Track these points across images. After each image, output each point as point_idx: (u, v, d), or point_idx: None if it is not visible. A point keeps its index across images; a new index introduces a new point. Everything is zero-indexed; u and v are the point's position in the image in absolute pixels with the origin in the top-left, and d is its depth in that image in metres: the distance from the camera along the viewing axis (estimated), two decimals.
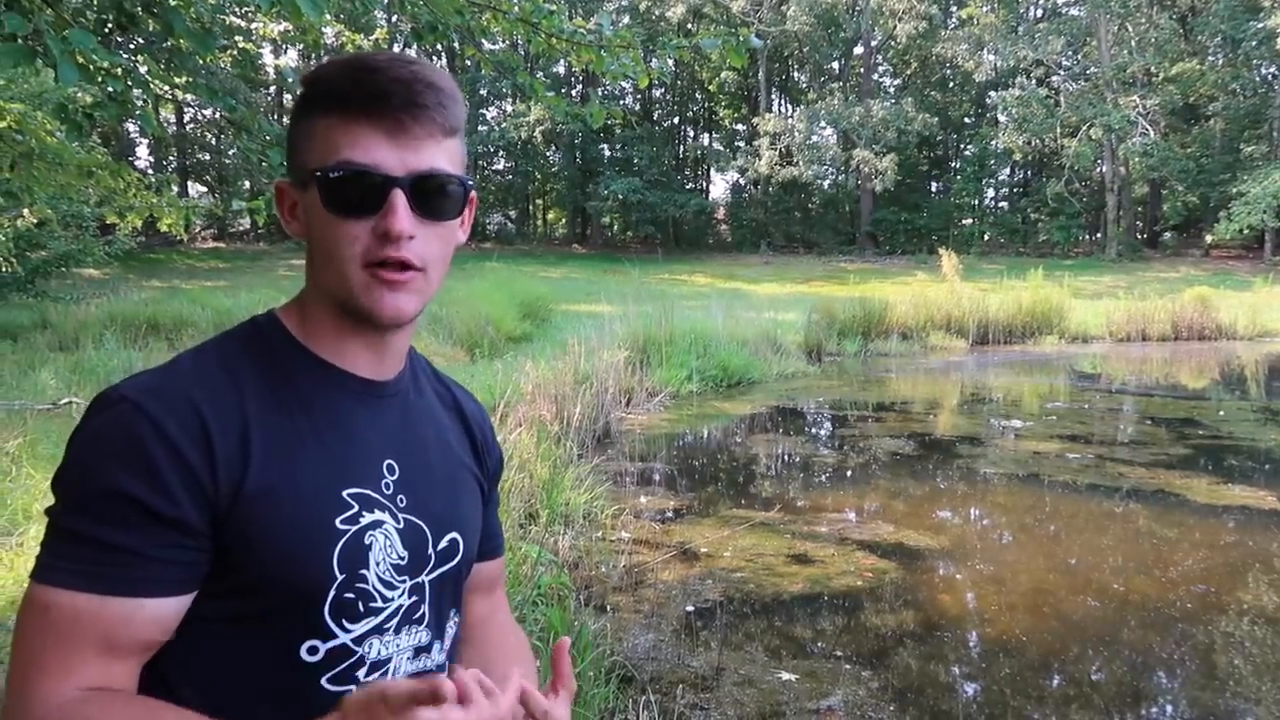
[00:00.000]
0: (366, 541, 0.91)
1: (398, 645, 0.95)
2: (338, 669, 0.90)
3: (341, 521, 0.90)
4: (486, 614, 1.17)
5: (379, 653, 0.93)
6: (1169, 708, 3.83)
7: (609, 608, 4.60)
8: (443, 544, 1.01)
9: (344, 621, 0.90)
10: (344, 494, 0.91)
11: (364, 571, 0.91)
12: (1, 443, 5.90)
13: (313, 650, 0.88)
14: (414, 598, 0.96)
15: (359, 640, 0.91)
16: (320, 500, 0.90)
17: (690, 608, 4.65)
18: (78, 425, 0.87)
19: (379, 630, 0.92)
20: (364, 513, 0.92)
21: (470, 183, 0.96)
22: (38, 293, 15.75)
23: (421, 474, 1.00)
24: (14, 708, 0.80)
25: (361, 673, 0.91)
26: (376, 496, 0.94)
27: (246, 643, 0.86)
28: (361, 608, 0.91)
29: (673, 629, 4.39)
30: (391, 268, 0.90)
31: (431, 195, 0.91)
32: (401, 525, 0.95)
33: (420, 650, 0.98)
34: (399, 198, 0.88)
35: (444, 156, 0.92)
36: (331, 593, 0.89)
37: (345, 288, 0.91)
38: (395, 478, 0.97)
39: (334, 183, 0.88)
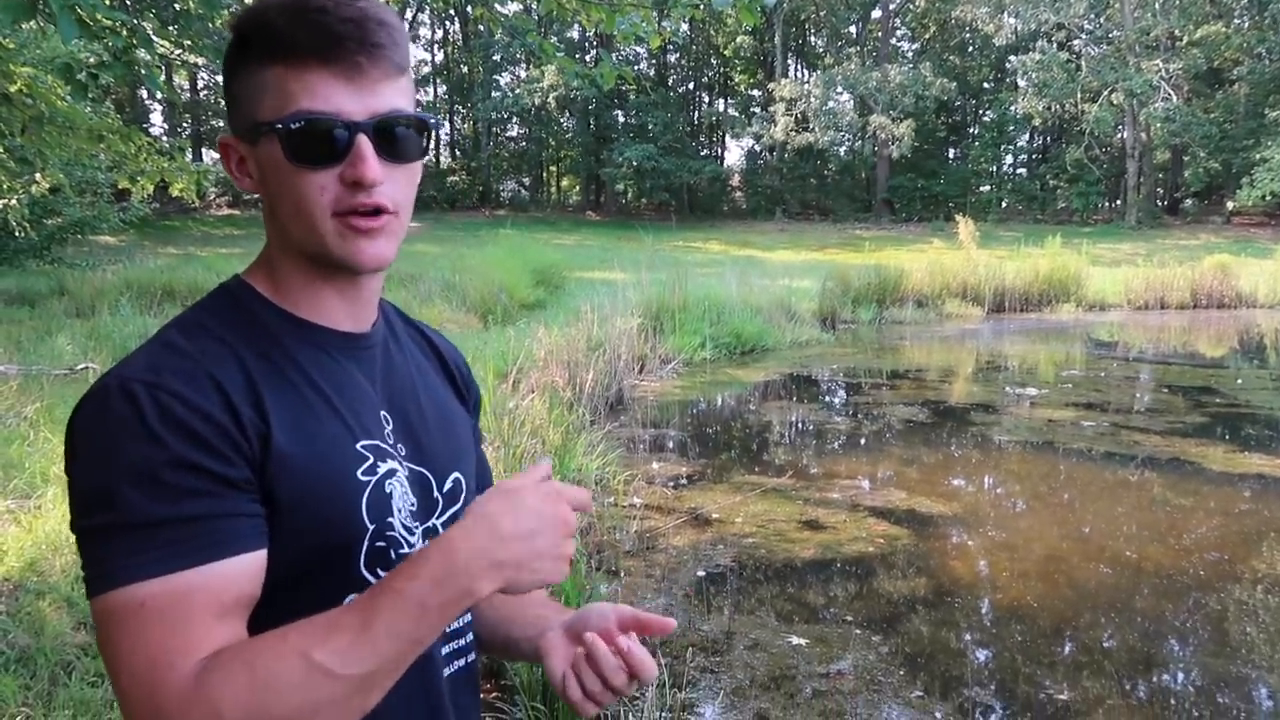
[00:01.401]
0: (387, 490, 0.92)
1: None
2: None
3: (362, 473, 0.90)
4: None
5: None
6: (1181, 675, 3.82)
7: (621, 572, 4.62)
8: (447, 485, 1.01)
9: (377, 570, 0.90)
10: (358, 447, 0.91)
11: (390, 519, 0.92)
12: (20, 407, 5.96)
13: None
14: (427, 542, 0.95)
15: None
16: (339, 455, 0.89)
17: (701, 573, 4.67)
18: (87, 431, 0.81)
19: None
20: (379, 463, 0.92)
21: (433, 119, 0.93)
22: (54, 259, 15.84)
23: (415, 420, 1.00)
24: (149, 710, 0.75)
25: None
26: (385, 447, 0.94)
27: (288, 608, 0.82)
28: (393, 555, 0.92)
29: (684, 593, 4.41)
30: (364, 215, 0.87)
31: (396, 137, 0.88)
32: (408, 473, 0.96)
33: None
34: (365, 143, 0.85)
35: (401, 95, 0.89)
36: (365, 544, 0.90)
37: (317, 239, 0.88)
38: (391, 428, 0.97)
39: (296, 134, 0.84)
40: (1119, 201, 39.12)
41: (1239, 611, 4.28)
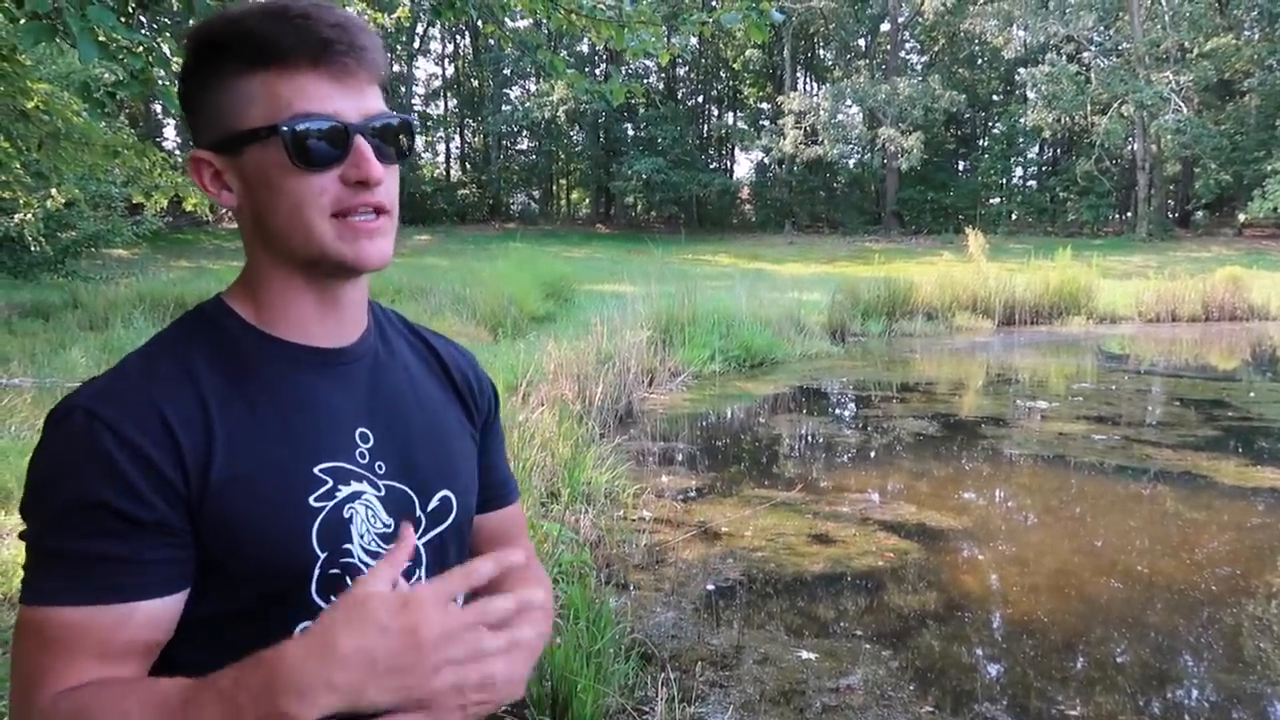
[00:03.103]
0: (346, 515, 0.90)
1: None
2: None
3: (316, 499, 0.88)
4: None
5: None
6: (1195, 691, 3.79)
7: (630, 586, 4.62)
8: (433, 504, 0.98)
9: (333, 598, 0.87)
10: (315, 470, 0.89)
11: (347, 546, 0.89)
12: (34, 420, 6.01)
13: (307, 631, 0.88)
14: (408, 564, 0.94)
15: None
16: (290, 480, 0.88)
17: (711, 586, 4.66)
18: (38, 444, 0.85)
19: None
20: (339, 486, 0.90)
21: (415, 121, 0.95)
22: (68, 272, 15.97)
23: (400, 435, 0.98)
24: (15, 715, 0.80)
25: None
26: (351, 468, 0.92)
27: (244, 633, 0.82)
28: (349, 582, 0.89)
29: (693, 607, 4.40)
30: (364, 214, 0.88)
31: (388, 139, 0.89)
32: (383, 493, 0.93)
33: None
34: (364, 144, 0.86)
35: (382, 100, 0.91)
36: (316, 571, 0.88)
37: (316, 242, 0.87)
38: (370, 445, 0.94)
39: (300, 136, 0.84)
40: (1129, 214, 39.02)
41: (1253, 627, 4.25)
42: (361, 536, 0.91)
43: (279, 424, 0.89)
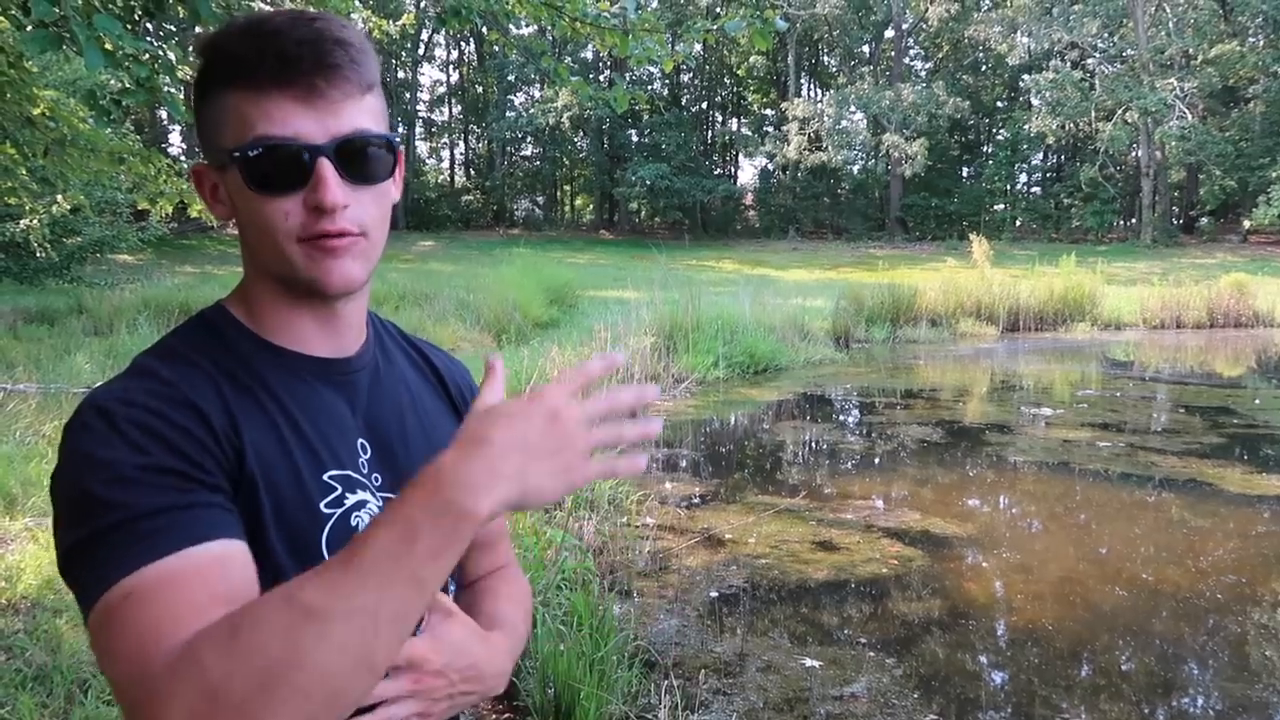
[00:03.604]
0: (353, 523, 0.89)
1: None
2: None
3: (326, 505, 0.88)
4: (488, 568, 1.11)
5: None
6: (1201, 699, 3.78)
7: (633, 593, 4.61)
8: None
9: None
10: (325, 477, 0.89)
11: None
12: (39, 425, 6.02)
13: None
14: None
15: None
16: (304, 485, 0.87)
17: (714, 593, 4.65)
18: (62, 452, 0.79)
19: None
20: (346, 494, 0.90)
21: (397, 139, 0.91)
22: (73, 278, 16.03)
23: (397, 448, 0.97)
24: (141, 690, 0.68)
25: None
26: (357, 477, 0.92)
27: None
28: None
29: (697, 614, 4.39)
30: (330, 238, 0.86)
31: (358, 159, 0.86)
32: (381, 504, 0.93)
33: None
34: (326, 167, 0.83)
35: (365, 115, 0.86)
36: None
37: (286, 264, 0.86)
38: (368, 457, 0.94)
39: (255, 161, 0.83)
40: (1134, 220, 38.98)
41: (1259, 635, 4.23)
42: None
43: (291, 429, 0.88)
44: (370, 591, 0.67)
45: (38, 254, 13.21)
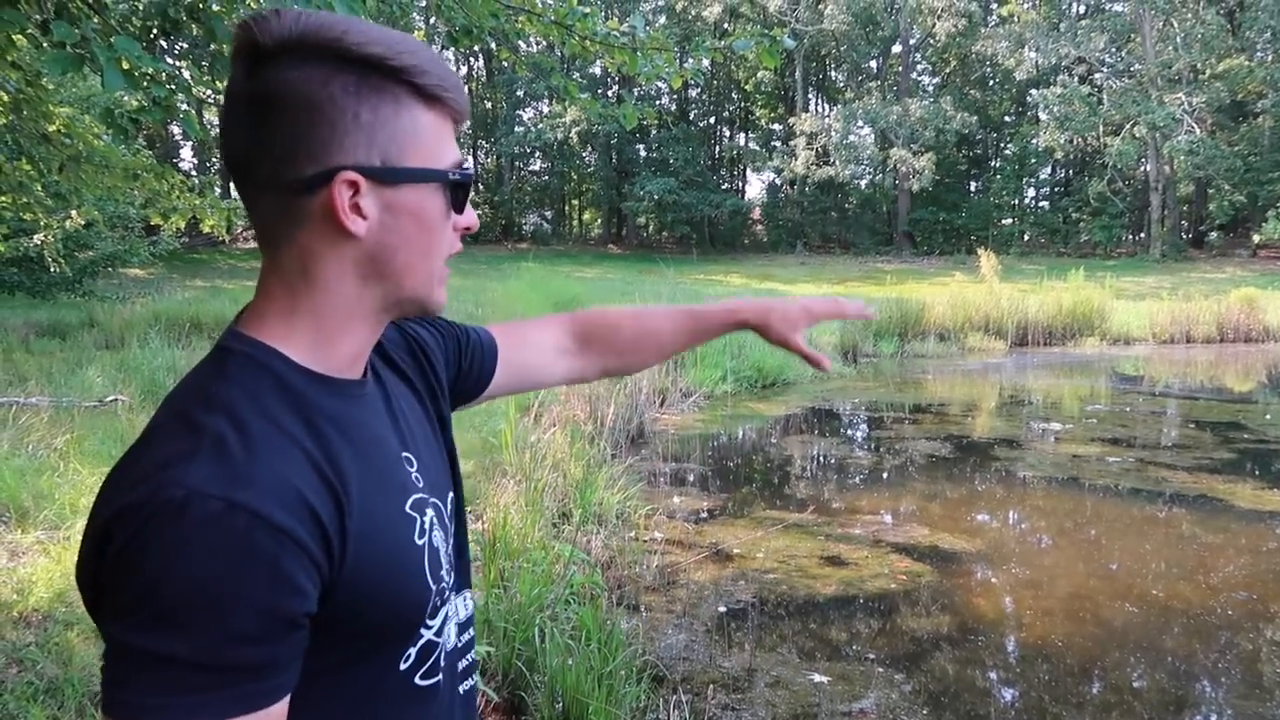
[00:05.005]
0: (435, 545, 0.91)
1: (452, 618, 0.97)
2: (426, 664, 0.91)
3: (417, 537, 0.88)
4: (536, 340, 1.37)
5: (447, 634, 0.95)
6: (1213, 717, 3.76)
7: (641, 607, 4.61)
8: (449, 509, 0.99)
9: (429, 621, 0.90)
10: (405, 509, 0.88)
11: (441, 573, 0.91)
12: (50, 439, 6.05)
13: (407, 658, 0.89)
14: (445, 566, 0.95)
15: (438, 631, 0.93)
16: (397, 526, 0.86)
17: (723, 608, 4.65)
18: (156, 537, 0.70)
19: (444, 616, 0.94)
20: (421, 518, 0.89)
21: None
22: (85, 292, 16.12)
23: (422, 450, 0.97)
24: None
25: (440, 658, 0.93)
26: (420, 495, 0.91)
27: (355, 674, 0.83)
28: (440, 603, 0.92)
29: (705, 629, 4.39)
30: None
31: None
32: (435, 506, 0.94)
33: (463, 625, 1.00)
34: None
35: None
36: (429, 605, 0.89)
37: (428, 286, 0.89)
38: (415, 468, 0.93)
39: (461, 186, 0.88)
40: (1143, 235, 38.94)
41: (1271, 652, 4.21)
42: (446, 558, 0.94)
43: (367, 468, 0.84)
44: None
45: (51, 268, 13.29)
